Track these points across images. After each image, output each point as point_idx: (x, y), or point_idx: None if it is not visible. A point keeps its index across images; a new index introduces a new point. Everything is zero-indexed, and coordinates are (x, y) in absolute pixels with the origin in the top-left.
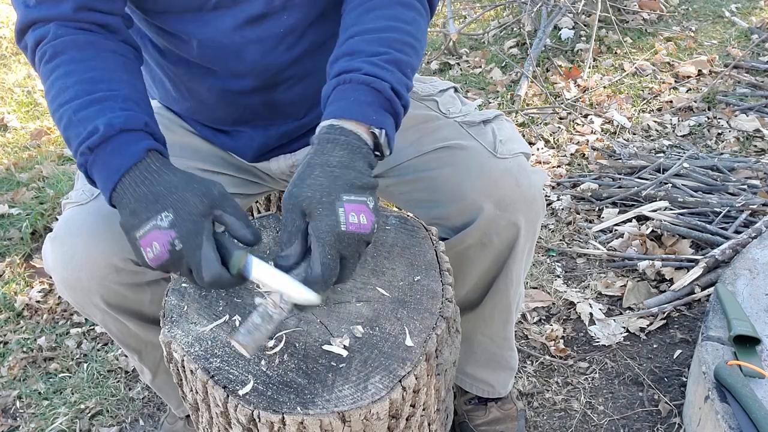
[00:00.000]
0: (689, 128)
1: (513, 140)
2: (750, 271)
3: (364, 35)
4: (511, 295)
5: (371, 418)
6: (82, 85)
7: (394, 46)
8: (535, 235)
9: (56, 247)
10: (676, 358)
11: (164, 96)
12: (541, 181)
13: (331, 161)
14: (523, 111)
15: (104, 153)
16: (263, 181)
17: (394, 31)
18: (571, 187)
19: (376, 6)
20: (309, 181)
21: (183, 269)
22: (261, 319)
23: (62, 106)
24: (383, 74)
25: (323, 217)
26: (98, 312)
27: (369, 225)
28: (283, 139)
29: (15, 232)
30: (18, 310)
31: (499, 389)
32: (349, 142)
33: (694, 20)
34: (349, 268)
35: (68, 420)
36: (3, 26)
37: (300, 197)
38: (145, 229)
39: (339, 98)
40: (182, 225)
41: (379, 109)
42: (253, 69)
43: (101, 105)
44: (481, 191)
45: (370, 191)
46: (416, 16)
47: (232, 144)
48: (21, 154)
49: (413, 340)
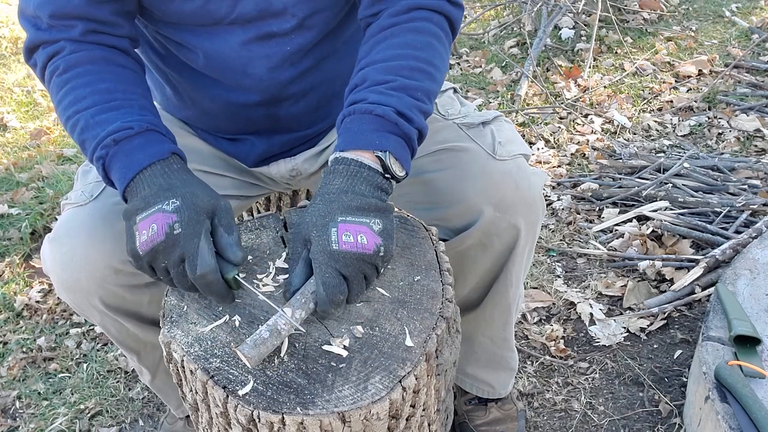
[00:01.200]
0: (690, 128)
1: (512, 142)
2: (750, 271)
3: (374, 65)
4: (511, 296)
5: (371, 418)
6: (99, 95)
7: (401, 73)
8: (535, 236)
9: (55, 248)
10: (676, 358)
11: (165, 102)
12: (540, 182)
13: (330, 189)
14: (524, 111)
15: (130, 146)
16: (264, 183)
17: (402, 59)
18: (572, 187)
19: (387, 36)
20: (310, 210)
21: (172, 258)
22: (269, 334)
23: (79, 113)
24: (387, 100)
25: (317, 238)
26: (97, 313)
27: (371, 245)
28: (285, 147)
29: (14, 232)
30: (17, 310)
31: (500, 390)
32: (347, 169)
33: (694, 20)
34: (355, 289)
35: (68, 420)
36: (2, 26)
37: (300, 226)
38: (150, 211)
39: (345, 131)
40: (185, 212)
41: (383, 133)
42: (259, 84)
43: (119, 111)
44: (480, 194)
45: (377, 214)
46: (430, 41)
47: (234, 150)
48: (20, 153)
49: (413, 341)
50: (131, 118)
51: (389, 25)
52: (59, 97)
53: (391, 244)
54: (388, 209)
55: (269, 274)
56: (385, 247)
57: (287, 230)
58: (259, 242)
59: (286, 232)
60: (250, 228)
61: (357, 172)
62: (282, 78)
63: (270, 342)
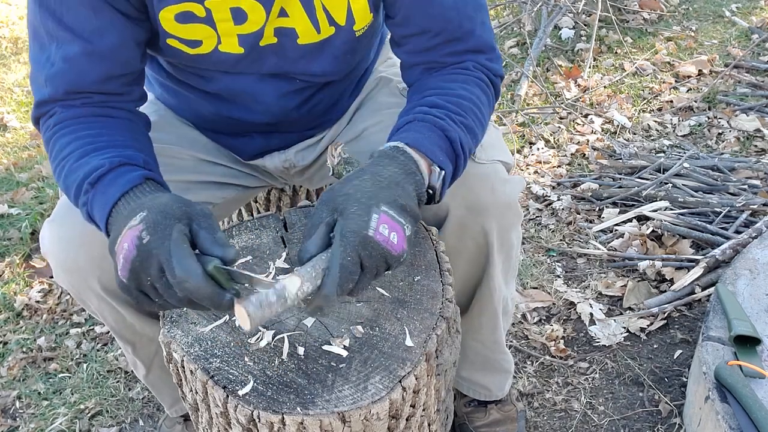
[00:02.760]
0: (689, 128)
1: (494, 147)
2: (750, 271)
3: (447, 96)
4: (495, 301)
5: (371, 418)
6: (83, 140)
7: (469, 115)
8: (511, 242)
9: (53, 229)
10: (676, 358)
11: (163, 96)
12: (517, 189)
13: (383, 172)
14: (524, 111)
15: (103, 185)
16: (259, 175)
17: (471, 102)
18: (572, 187)
19: (458, 80)
20: (355, 182)
21: (151, 270)
22: (276, 298)
23: (63, 159)
24: (459, 132)
25: (355, 216)
26: (94, 298)
27: (399, 247)
28: (282, 144)
29: (14, 232)
30: (18, 310)
31: (496, 392)
32: (406, 163)
33: (694, 20)
34: (364, 281)
35: (68, 420)
36: (2, 26)
37: (339, 192)
38: (121, 234)
39: (412, 130)
40: (151, 218)
41: (445, 154)
42: (267, 108)
43: (102, 152)
44: (455, 192)
45: (411, 219)
46: (486, 100)
47: (231, 144)
48: (20, 153)
49: (413, 341)
50: (109, 155)
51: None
52: (49, 148)
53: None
54: (418, 219)
55: (269, 274)
56: (407, 253)
57: (287, 230)
58: (259, 242)
59: (286, 232)
60: (250, 228)
61: (413, 172)
62: (290, 105)
63: (275, 306)
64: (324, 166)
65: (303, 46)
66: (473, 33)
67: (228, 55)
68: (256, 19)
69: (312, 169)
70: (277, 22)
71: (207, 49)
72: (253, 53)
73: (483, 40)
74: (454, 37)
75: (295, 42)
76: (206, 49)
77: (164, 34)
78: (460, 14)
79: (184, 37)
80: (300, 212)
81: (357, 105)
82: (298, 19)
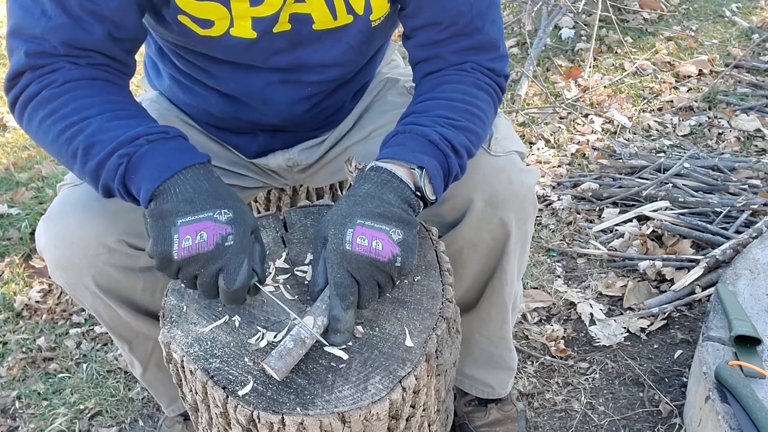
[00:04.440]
0: (690, 128)
1: (508, 138)
2: (751, 271)
3: (438, 100)
4: (507, 294)
5: (371, 418)
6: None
7: (463, 115)
8: (527, 234)
9: (49, 226)
10: (676, 358)
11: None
12: (533, 180)
13: (357, 193)
14: (524, 111)
15: (165, 146)
16: (260, 174)
17: (466, 103)
18: (572, 186)
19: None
20: (334, 208)
21: (211, 268)
22: (294, 344)
23: (87, 119)
24: (445, 132)
25: (333, 237)
26: (89, 295)
27: (386, 253)
28: (286, 143)
29: (14, 232)
30: (17, 310)
31: (499, 390)
32: (378, 176)
33: (694, 20)
34: (366, 294)
35: (67, 420)
36: (2, 26)
37: (321, 223)
38: (197, 217)
39: (390, 145)
40: (240, 227)
41: (426, 155)
42: (276, 112)
43: (139, 119)
44: (472, 187)
45: (399, 224)
46: (487, 97)
47: (234, 141)
48: (20, 153)
49: (413, 341)
50: (158, 125)
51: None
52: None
53: (411, 257)
54: (411, 222)
55: (269, 274)
56: (402, 258)
57: (287, 230)
58: None
59: (286, 232)
60: None
61: (388, 181)
62: (299, 110)
63: (295, 352)
64: (326, 165)
65: (317, 32)
66: (482, 29)
67: (239, 40)
68: (273, 2)
69: (315, 167)
70: (294, 8)
71: (218, 31)
72: (265, 39)
73: (489, 37)
74: (462, 32)
75: (310, 27)
76: (217, 31)
77: (175, 8)
78: (473, 9)
79: (196, 15)
80: (300, 212)
81: (363, 107)
82: (315, 4)
